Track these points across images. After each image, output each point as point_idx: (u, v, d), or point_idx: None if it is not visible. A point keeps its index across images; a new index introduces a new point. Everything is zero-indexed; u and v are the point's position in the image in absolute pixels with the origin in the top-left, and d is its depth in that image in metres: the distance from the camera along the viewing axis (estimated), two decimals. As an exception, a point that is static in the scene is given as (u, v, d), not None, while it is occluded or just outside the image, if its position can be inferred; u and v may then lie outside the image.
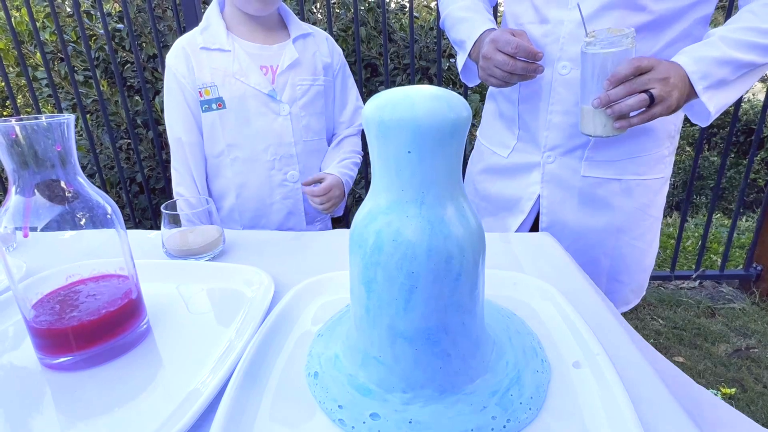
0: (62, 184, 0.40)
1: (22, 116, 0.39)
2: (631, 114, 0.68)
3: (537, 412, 0.36)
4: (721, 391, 1.37)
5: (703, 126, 0.79)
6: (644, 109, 0.67)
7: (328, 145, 1.05)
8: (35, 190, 0.39)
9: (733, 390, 1.37)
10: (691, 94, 0.69)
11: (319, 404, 0.38)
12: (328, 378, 0.40)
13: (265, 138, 0.93)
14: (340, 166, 1.00)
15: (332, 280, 0.55)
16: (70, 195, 0.41)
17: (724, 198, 4.15)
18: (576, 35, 0.75)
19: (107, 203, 0.43)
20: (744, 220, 3.04)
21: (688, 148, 4.47)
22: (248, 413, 0.36)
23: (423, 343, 0.37)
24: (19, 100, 3.24)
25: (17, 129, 0.38)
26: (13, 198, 0.39)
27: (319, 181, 0.95)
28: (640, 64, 0.66)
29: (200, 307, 0.53)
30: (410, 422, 0.36)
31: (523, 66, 0.73)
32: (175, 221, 0.62)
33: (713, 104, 0.69)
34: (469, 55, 0.86)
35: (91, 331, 0.43)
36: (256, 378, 0.40)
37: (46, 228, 0.40)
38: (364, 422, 0.36)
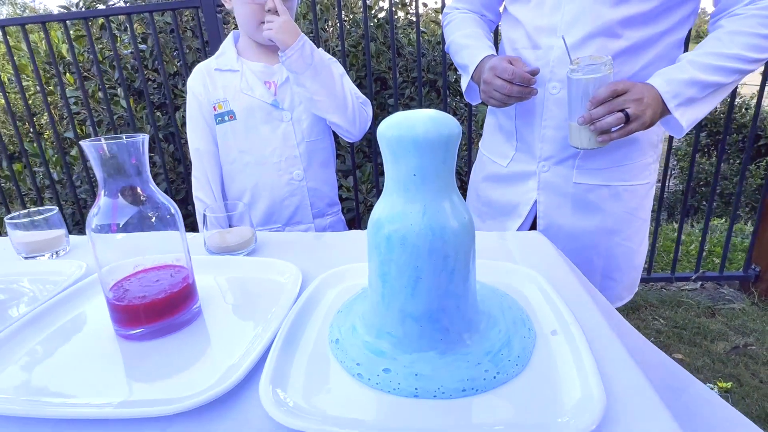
0: (138, 189, 0.51)
1: (106, 135, 0.49)
2: (612, 130, 0.78)
3: (523, 367, 0.45)
4: (717, 385, 1.43)
5: (678, 137, 0.89)
6: (622, 125, 0.77)
7: (330, 143, 1.16)
8: (119, 194, 0.49)
9: (730, 384, 1.43)
10: (664, 111, 0.79)
11: (340, 364, 0.47)
12: (347, 344, 0.49)
13: (270, 143, 1.06)
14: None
15: (350, 271, 0.65)
16: (144, 198, 0.51)
17: (731, 203, 4.18)
18: (564, 60, 0.85)
19: (171, 205, 0.53)
20: (749, 224, 3.08)
21: (701, 159, 4.51)
22: (286, 370, 0.45)
23: (426, 321, 0.46)
24: (45, 119, 3.41)
25: (104, 146, 0.48)
26: (103, 200, 0.49)
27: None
28: (616, 87, 0.77)
29: (240, 293, 0.63)
30: (416, 375, 0.44)
31: (518, 90, 0.84)
32: (216, 222, 0.73)
33: (685, 119, 0.80)
34: (472, 77, 0.97)
35: (157, 308, 0.52)
36: (292, 344, 0.49)
37: (126, 225, 0.50)
38: (378, 375, 0.44)
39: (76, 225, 2.39)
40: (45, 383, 0.46)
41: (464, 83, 1.01)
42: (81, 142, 0.48)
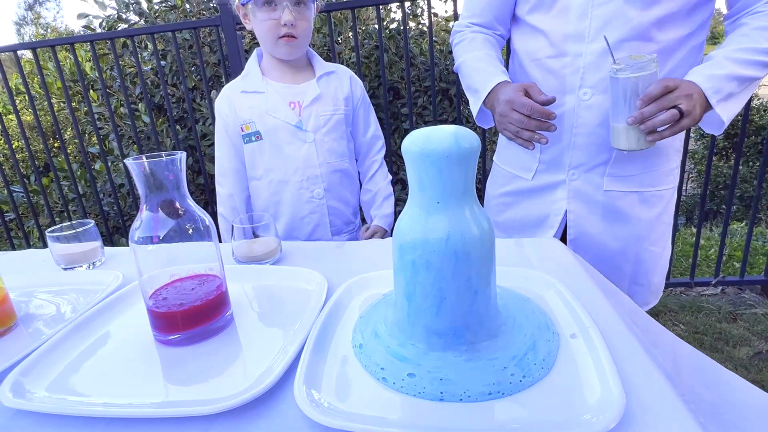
0: (176, 204, 0.54)
1: (146, 154, 0.53)
2: (661, 129, 0.78)
3: (548, 371, 0.46)
4: (740, 391, 1.41)
5: (717, 134, 0.89)
6: (674, 122, 0.77)
7: (351, 164, 1.20)
8: (159, 208, 0.53)
9: (753, 390, 1.41)
10: (707, 107, 0.79)
11: (364, 368, 0.49)
12: (371, 349, 0.51)
13: (294, 162, 1.10)
14: (380, 215, 1.22)
15: (373, 278, 0.67)
16: (182, 212, 0.54)
17: (750, 207, 4.11)
18: (596, 65, 0.85)
19: (205, 217, 0.56)
20: (770, 227, 3.03)
21: (720, 162, 4.45)
22: (318, 372, 0.48)
23: (450, 337, 0.49)
24: (69, 134, 3.52)
25: (146, 164, 0.52)
26: (145, 213, 0.52)
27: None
28: (667, 84, 0.76)
29: (269, 301, 0.66)
30: (441, 380, 0.46)
31: (536, 124, 0.83)
32: (244, 233, 0.76)
33: (726, 114, 0.80)
34: (484, 102, 0.96)
35: (194, 315, 0.55)
36: (322, 348, 0.52)
37: (165, 237, 0.53)
38: (402, 379, 0.46)
39: (101, 236, 2.46)
40: (91, 386, 0.49)
41: (475, 108, 0.99)
42: (125, 161, 0.51)
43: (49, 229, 0.80)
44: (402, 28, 1.90)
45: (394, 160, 2.34)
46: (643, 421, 0.39)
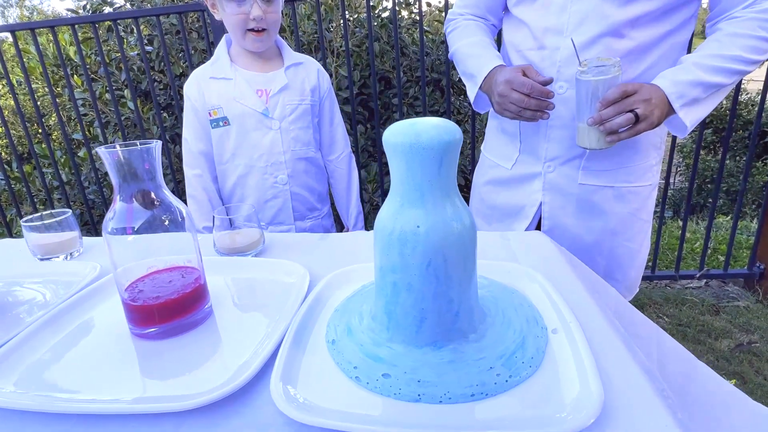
0: (152, 194, 0.52)
1: (120, 142, 0.51)
2: (620, 130, 0.79)
3: (535, 369, 0.45)
4: (721, 382, 1.44)
5: (682, 137, 0.90)
6: (631, 125, 0.78)
7: (317, 153, 1.23)
8: (133, 199, 0.51)
9: (734, 381, 1.44)
10: (669, 111, 0.80)
11: (337, 365, 0.47)
12: (343, 345, 0.49)
13: (259, 148, 1.13)
14: (355, 219, 1.33)
15: (355, 271, 0.66)
16: (157, 202, 0.53)
17: (736, 201, 4.16)
18: (571, 59, 0.86)
19: (182, 208, 0.55)
20: (755, 221, 3.07)
21: (708, 156, 4.49)
22: (295, 368, 0.47)
23: (431, 352, 0.47)
24: (53, 121, 3.45)
25: (119, 152, 0.50)
26: (118, 204, 0.51)
27: None
28: (626, 88, 0.78)
29: (250, 293, 0.65)
30: (419, 381, 0.44)
31: (536, 103, 0.85)
32: (225, 224, 0.74)
33: (689, 119, 0.81)
34: (480, 87, 0.97)
35: (171, 308, 0.54)
36: (300, 342, 0.51)
37: (140, 228, 0.52)
38: (377, 380, 0.44)
39: (85, 225, 2.42)
40: (62, 381, 0.48)
41: (471, 93, 1.00)
42: (97, 149, 0.49)
43: (24, 218, 0.78)
44: (393, 16, 1.87)
45: (383, 151, 2.32)
46: (620, 418, 0.39)
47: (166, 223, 0.53)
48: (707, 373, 0.59)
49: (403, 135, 0.43)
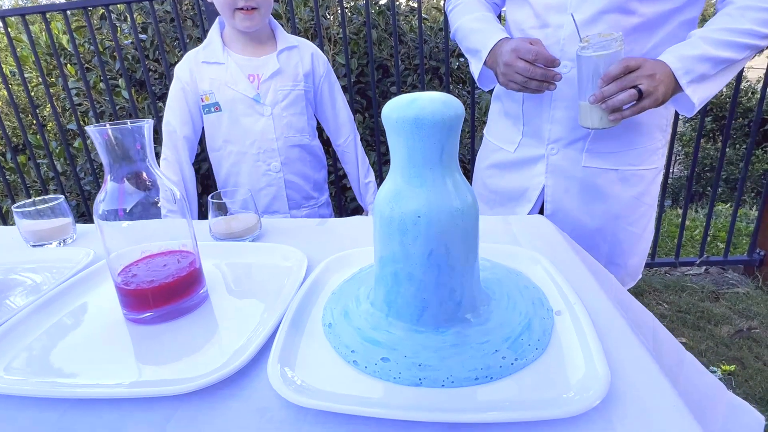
0: (144, 175, 0.51)
1: (111, 121, 0.50)
2: (624, 107, 0.77)
3: (542, 351, 0.44)
4: (721, 368, 1.44)
5: (689, 116, 0.88)
6: (634, 102, 0.76)
7: (312, 140, 1.20)
8: (125, 180, 0.50)
9: (733, 367, 1.44)
10: (676, 88, 0.78)
11: (334, 349, 0.46)
12: (340, 329, 0.48)
13: (251, 135, 1.11)
14: (373, 196, 1.27)
15: (354, 255, 0.65)
16: (149, 183, 0.51)
17: (736, 188, 4.16)
18: (575, 37, 0.83)
19: (176, 190, 0.53)
20: (754, 209, 3.07)
21: (707, 144, 4.47)
22: (293, 351, 0.46)
23: (433, 336, 0.46)
24: (47, 111, 3.41)
25: (109, 131, 0.49)
26: (109, 185, 0.49)
27: None
28: (628, 63, 0.75)
29: (246, 278, 0.64)
30: (420, 365, 0.42)
31: (542, 72, 0.82)
32: (221, 209, 0.73)
33: (696, 96, 0.78)
34: (485, 62, 0.94)
35: (165, 293, 0.53)
36: (298, 326, 0.50)
37: (132, 210, 0.50)
38: (375, 363, 0.43)
39: (81, 216, 2.40)
40: (57, 366, 0.47)
41: (476, 69, 0.97)
42: (87, 128, 0.48)
43: (16, 205, 0.76)
44: (391, 3, 1.84)
45: (383, 140, 2.30)
46: (627, 398, 0.38)
47: (159, 205, 0.51)
48: (693, 363, 0.59)
49: (404, 110, 0.42)
